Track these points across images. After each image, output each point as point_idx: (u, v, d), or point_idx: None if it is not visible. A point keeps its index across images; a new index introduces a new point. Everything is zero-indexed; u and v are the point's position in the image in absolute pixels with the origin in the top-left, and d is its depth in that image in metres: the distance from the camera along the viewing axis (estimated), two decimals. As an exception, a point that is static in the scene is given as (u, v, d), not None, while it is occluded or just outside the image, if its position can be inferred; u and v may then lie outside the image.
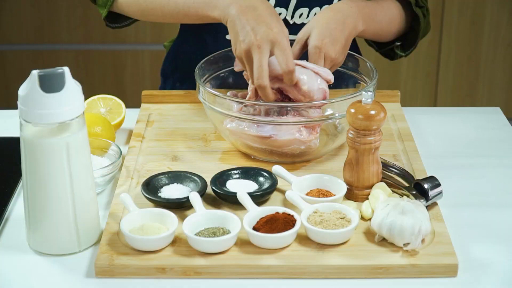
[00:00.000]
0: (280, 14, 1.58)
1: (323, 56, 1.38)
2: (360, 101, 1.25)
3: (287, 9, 1.58)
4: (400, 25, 1.60)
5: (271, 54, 1.32)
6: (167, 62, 1.78)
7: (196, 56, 1.56)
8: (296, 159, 1.38)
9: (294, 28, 1.60)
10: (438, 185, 1.25)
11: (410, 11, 1.60)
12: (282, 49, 1.31)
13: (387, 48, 1.66)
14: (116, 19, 1.62)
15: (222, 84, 1.52)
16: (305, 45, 1.41)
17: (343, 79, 1.50)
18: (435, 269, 1.12)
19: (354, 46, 1.72)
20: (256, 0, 1.38)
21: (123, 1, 1.55)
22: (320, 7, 1.59)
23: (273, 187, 1.27)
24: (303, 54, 1.42)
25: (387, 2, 1.57)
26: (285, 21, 1.60)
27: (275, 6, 1.58)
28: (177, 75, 1.76)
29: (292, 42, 1.43)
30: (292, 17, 1.59)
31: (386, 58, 1.70)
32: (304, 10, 1.59)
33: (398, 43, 1.65)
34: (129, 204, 1.22)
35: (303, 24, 1.60)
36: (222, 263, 1.13)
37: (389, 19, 1.57)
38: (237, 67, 1.44)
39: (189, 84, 1.66)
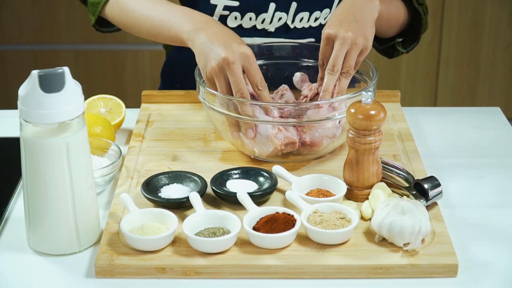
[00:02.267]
0: (280, 18, 1.58)
1: (332, 40, 1.35)
2: (360, 101, 1.25)
3: (287, 14, 1.58)
4: (404, 18, 1.59)
5: (243, 68, 1.33)
6: (167, 64, 1.78)
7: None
8: (296, 159, 1.38)
9: (294, 33, 1.60)
10: (438, 185, 1.25)
11: (411, 8, 1.60)
12: (252, 62, 1.33)
13: (388, 45, 1.66)
14: (106, 23, 1.62)
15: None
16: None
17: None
18: (435, 269, 1.12)
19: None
20: (224, 27, 1.38)
21: (109, 12, 1.54)
22: (321, 11, 1.58)
23: (273, 187, 1.27)
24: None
25: None
26: (285, 25, 1.59)
27: (276, 10, 1.57)
28: (177, 76, 1.75)
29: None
30: (293, 21, 1.59)
31: (384, 55, 1.70)
32: (305, 14, 1.58)
33: (400, 40, 1.64)
34: (129, 204, 1.22)
35: (303, 29, 1.60)
36: (222, 263, 1.13)
37: (395, 7, 1.56)
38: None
39: (189, 85, 1.65)
